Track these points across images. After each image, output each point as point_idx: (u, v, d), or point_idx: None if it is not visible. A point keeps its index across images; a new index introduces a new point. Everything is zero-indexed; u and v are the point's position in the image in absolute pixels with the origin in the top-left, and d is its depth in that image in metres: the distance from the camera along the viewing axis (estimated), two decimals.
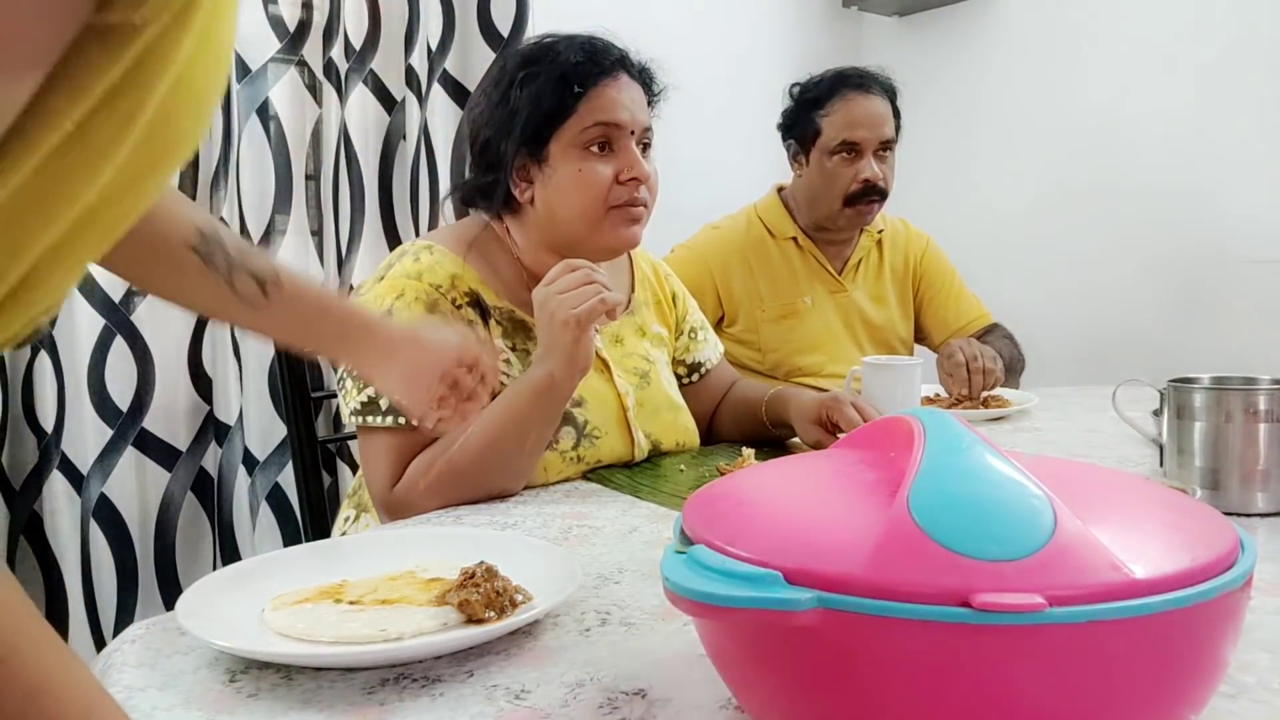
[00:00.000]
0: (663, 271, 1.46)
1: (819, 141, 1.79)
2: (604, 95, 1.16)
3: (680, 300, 1.46)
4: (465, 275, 1.18)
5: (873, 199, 1.79)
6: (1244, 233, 2.23)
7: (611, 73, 1.18)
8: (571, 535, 0.94)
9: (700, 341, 1.47)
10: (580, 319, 1.05)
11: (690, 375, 1.46)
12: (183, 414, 1.75)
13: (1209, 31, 2.27)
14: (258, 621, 0.70)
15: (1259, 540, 0.88)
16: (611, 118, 1.16)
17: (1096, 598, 0.42)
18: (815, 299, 1.86)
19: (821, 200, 1.81)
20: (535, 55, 1.18)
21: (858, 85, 1.77)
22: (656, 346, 1.37)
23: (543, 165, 1.18)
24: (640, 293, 1.39)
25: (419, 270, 1.16)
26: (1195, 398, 0.98)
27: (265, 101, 1.84)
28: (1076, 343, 2.49)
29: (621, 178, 1.17)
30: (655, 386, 1.31)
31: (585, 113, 1.16)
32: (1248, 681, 0.59)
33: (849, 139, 1.76)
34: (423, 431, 1.11)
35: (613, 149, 1.18)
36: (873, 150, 1.77)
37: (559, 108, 1.15)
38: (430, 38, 1.96)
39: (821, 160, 1.79)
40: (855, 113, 1.76)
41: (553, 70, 1.15)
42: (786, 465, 0.65)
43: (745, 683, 0.53)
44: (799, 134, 1.84)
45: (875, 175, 1.77)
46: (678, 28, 2.46)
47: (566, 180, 1.17)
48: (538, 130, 1.16)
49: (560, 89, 1.15)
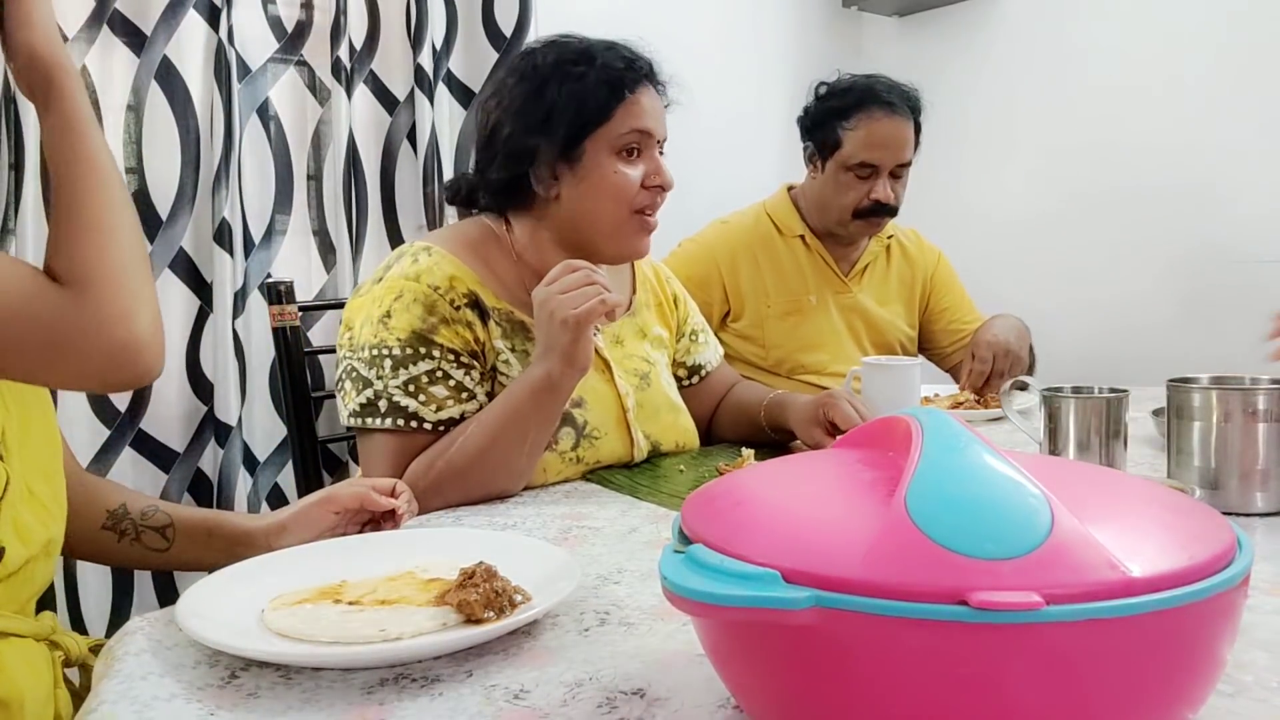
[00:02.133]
0: (664, 274, 1.47)
1: (838, 154, 1.78)
2: (640, 103, 1.20)
3: (681, 303, 1.47)
4: (464, 276, 1.18)
5: (882, 215, 1.79)
6: (1251, 233, 2.23)
7: (647, 80, 1.22)
8: (571, 535, 0.95)
9: (701, 344, 1.48)
10: (580, 319, 1.05)
11: (690, 378, 1.46)
12: (180, 415, 1.75)
13: (1213, 31, 2.27)
14: (257, 621, 0.70)
15: (1257, 540, 0.89)
16: (646, 125, 1.20)
17: (1094, 596, 0.42)
18: (820, 298, 1.86)
19: (831, 209, 1.82)
20: (575, 56, 1.20)
21: (886, 104, 1.75)
22: (657, 348, 1.37)
23: (574, 165, 1.20)
24: (641, 295, 1.39)
25: (417, 272, 1.16)
26: (1194, 398, 0.98)
27: (265, 101, 1.84)
28: (1078, 345, 2.48)
29: (649, 183, 1.21)
30: (655, 388, 1.31)
31: (623, 118, 1.19)
32: (1246, 680, 0.59)
33: (868, 160, 1.75)
34: (423, 432, 1.11)
35: (641, 155, 1.21)
36: (889, 170, 1.76)
37: (601, 111, 1.18)
38: (435, 38, 1.96)
39: (837, 172, 1.78)
40: (879, 134, 1.75)
41: (598, 73, 1.18)
42: (785, 465, 0.65)
43: (744, 682, 0.53)
44: (819, 139, 1.82)
45: (887, 196, 1.77)
46: (678, 27, 2.46)
47: (600, 181, 1.19)
48: (577, 130, 1.18)
49: (604, 92, 1.18)
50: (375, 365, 1.12)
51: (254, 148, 1.82)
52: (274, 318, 1.45)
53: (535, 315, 1.09)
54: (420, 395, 1.11)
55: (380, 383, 1.11)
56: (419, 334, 1.12)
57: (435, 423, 1.11)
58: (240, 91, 1.77)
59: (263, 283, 1.77)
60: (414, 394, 1.11)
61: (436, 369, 1.12)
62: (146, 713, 0.58)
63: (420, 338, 1.12)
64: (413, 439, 1.11)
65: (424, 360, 1.12)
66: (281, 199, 1.86)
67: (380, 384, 1.11)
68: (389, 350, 1.12)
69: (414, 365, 1.11)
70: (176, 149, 1.71)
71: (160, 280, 1.71)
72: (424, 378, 1.11)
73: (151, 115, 1.69)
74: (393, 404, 1.11)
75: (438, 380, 1.12)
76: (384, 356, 1.12)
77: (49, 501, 0.84)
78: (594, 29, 1.28)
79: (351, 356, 1.14)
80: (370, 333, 1.13)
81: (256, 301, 1.79)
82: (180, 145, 1.71)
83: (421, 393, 1.11)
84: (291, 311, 1.45)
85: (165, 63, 1.68)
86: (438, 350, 1.13)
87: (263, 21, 1.83)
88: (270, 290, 1.45)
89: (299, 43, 1.88)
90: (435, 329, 1.13)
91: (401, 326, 1.12)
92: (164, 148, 1.70)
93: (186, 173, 1.72)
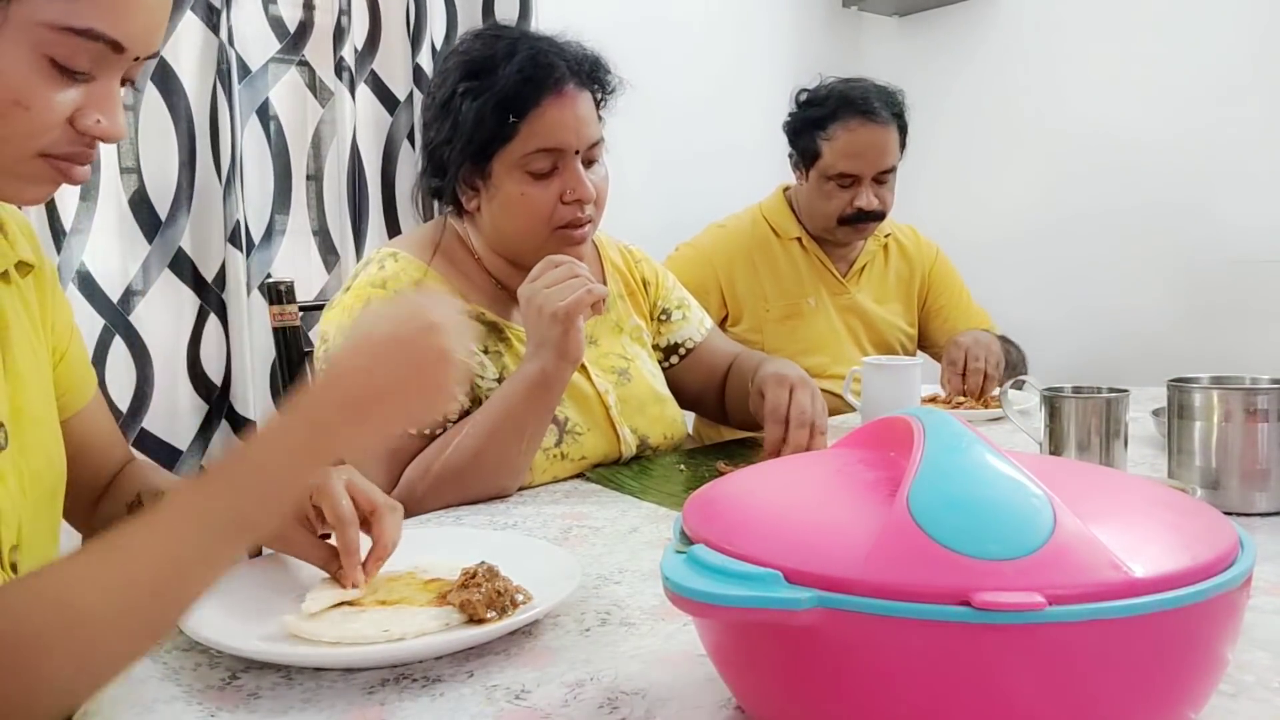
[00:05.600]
0: (635, 256, 1.43)
1: (818, 164, 1.77)
2: (546, 118, 1.13)
3: (653, 286, 1.42)
4: (430, 280, 1.18)
5: (867, 222, 1.78)
6: (1251, 234, 2.22)
7: (556, 89, 1.13)
8: (571, 535, 0.94)
9: (678, 321, 1.42)
10: (569, 310, 1.05)
11: (669, 358, 1.41)
12: (183, 413, 1.75)
13: (1214, 31, 2.26)
14: (259, 622, 0.70)
15: (1259, 540, 0.88)
16: (554, 143, 1.13)
17: (1096, 597, 0.42)
18: (818, 300, 1.86)
19: (817, 216, 1.82)
20: (476, 68, 1.14)
21: (862, 112, 1.72)
22: (635, 341, 1.35)
23: (487, 181, 1.17)
24: (612, 286, 1.36)
25: (383, 279, 1.16)
26: (1195, 398, 0.98)
27: (266, 102, 1.84)
28: (1079, 347, 2.48)
29: (566, 198, 1.15)
30: (637, 381, 1.30)
31: (527, 136, 1.13)
32: (1247, 680, 0.59)
33: (847, 170, 1.74)
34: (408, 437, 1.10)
35: (556, 169, 1.15)
36: (871, 177, 1.75)
37: (499, 131, 1.13)
38: (435, 37, 1.96)
39: (819, 180, 1.78)
40: (856, 144, 1.72)
41: (493, 92, 1.12)
42: (786, 465, 0.65)
43: (745, 683, 0.53)
44: (800, 148, 1.81)
45: (871, 204, 1.75)
46: (677, 27, 2.46)
47: (509, 200, 1.16)
48: (480, 149, 1.14)
49: (499, 113, 1.12)
50: None
51: (254, 148, 1.82)
52: (274, 318, 1.45)
53: (523, 312, 1.09)
54: None
55: None
56: None
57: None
58: (240, 92, 1.77)
59: (263, 283, 1.77)
60: None
61: None
62: (148, 715, 0.58)
63: None
64: (406, 443, 1.10)
65: None
66: (281, 199, 1.86)
67: None
68: None
69: None
70: (174, 149, 1.71)
71: (160, 280, 1.72)
72: None
73: (149, 115, 1.69)
74: None
75: None
76: None
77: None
78: (593, 28, 1.27)
79: None
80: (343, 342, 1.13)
81: (257, 301, 1.79)
82: (178, 145, 1.71)
83: None
84: (291, 311, 1.45)
85: (161, 63, 1.68)
86: None
87: (264, 22, 1.83)
88: (270, 290, 1.45)
89: (300, 43, 1.88)
90: None
91: None
92: (162, 148, 1.70)
93: (185, 173, 1.72)
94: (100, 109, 0.64)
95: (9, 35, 0.59)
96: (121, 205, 1.69)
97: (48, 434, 0.78)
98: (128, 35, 0.63)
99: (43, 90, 0.61)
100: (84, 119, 0.63)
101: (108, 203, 1.67)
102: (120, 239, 1.69)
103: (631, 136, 1.23)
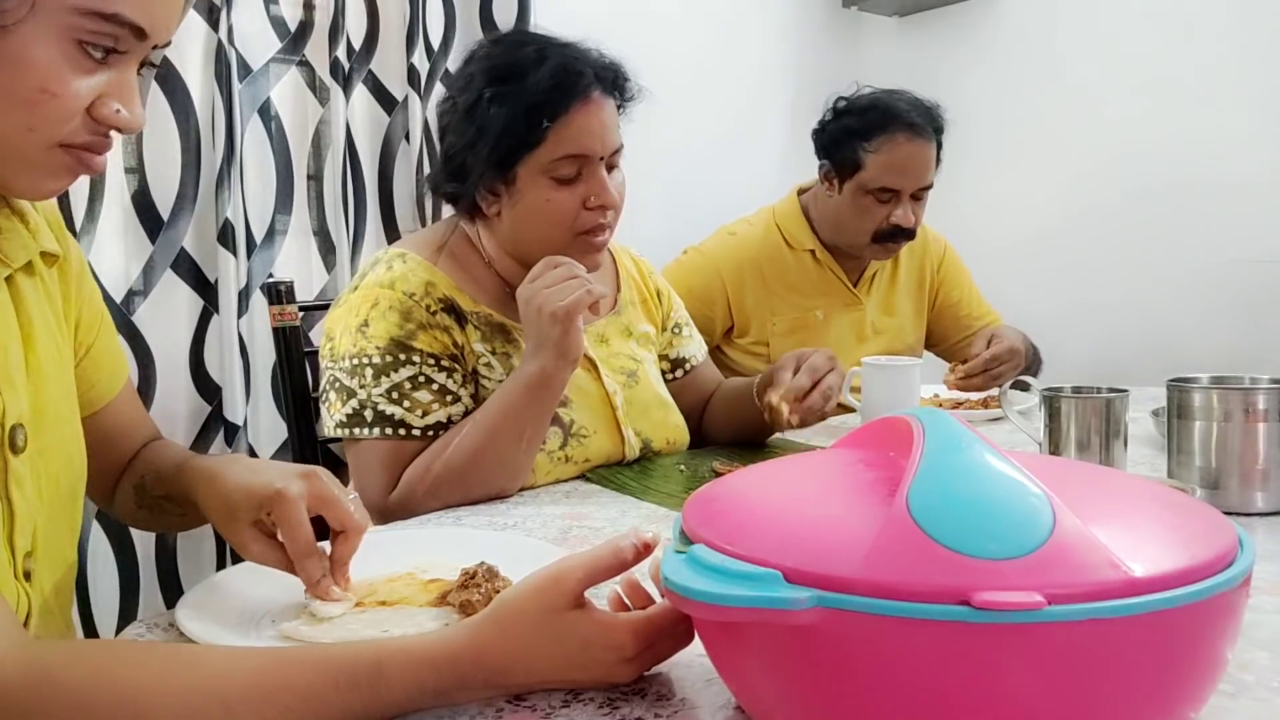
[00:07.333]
0: (646, 268, 1.45)
1: (858, 176, 1.71)
2: (574, 124, 1.13)
3: (665, 297, 1.45)
4: (439, 281, 1.18)
5: (900, 239, 1.75)
6: (1257, 232, 2.22)
7: (583, 96, 1.13)
8: (571, 535, 0.95)
9: (685, 338, 1.46)
10: (568, 310, 1.05)
11: (674, 371, 1.44)
12: (184, 415, 1.75)
13: (1215, 30, 2.26)
14: (257, 622, 0.70)
15: (1258, 539, 0.89)
16: (580, 149, 1.14)
17: (1095, 596, 0.42)
18: (827, 313, 1.84)
19: (848, 231, 1.77)
20: (505, 73, 1.14)
21: (909, 125, 1.68)
22: (644, 346, 1.36)
23: (509, 187, 1.16)
24: (626, 292, 1.38)
25: (392, 279, 1.16)
26: (1194, 398, 0.98)
27: (267, 101, 1.84)
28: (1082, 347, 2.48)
29: (589, 204, 1.16)
30: (644, 384, 1.31)
31: (555, 143, 1.13)
32: (1247, 680, 0.59)
33: (890, 185, 1.69)
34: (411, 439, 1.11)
35: (581, 175, 1.15)
36: (910, 193, 1.72)
37: (527, 137, 1.12)
38: (432, 36, 1.96)
39: (856, 194, 1.73)
40: (902, 157, 1.68)
41: (522, 97, 1.12)
42: (786, 465, 0.65)
43: (745, 682, 0.53)
44: (837, 159, 1.74)
45: (908, 220, 1.71)
46: (676, 27, 2.46)
47: (534, 207, 1.16)
48: (506, 154, 1.14)
49: (529, 119, 1.12)
50: (357, 374, 1.12)
51: (255, 148, 1.82)
52: (274, 318, 1.45)
53: (522, 312, 1.09)
54: (405, 402, 1.11)
55: (364, 392, 1.11)
56: (397, 341, 1.12)
57: (423, 428, 1.11)
58: (241, 91, 1.77)
59: (264, 283, 1.77)
60: (398, 401, 1.11)
61: (418, 374, 1.12)
62: None
63: (399, 344, 1.12)
64: (402, 446, 1.11)
65: (405, 366, 1.12)
66: (283, 199, 1.86)
67: (364, 393, 1.11)
68: (369, 359, 1.12)
69: (395, 372, 1.11)
70: (177, 149, 1.71)
71: (162, 280, 1.72)
72: (406, 384, 1.11)
73: (151, 115, 1.69)
74: (378, 413, 1.10)
75: (420, 385, 1.12)
76: (365, 365, 1.12)
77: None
78: (592, 28, 1.27)
79: (333, 367, 1.14)
80: (350, 342, 1.13)
81: (258, 301, 1.79)
82: (181, 145, 1.71)
83: (405, 399, 1.11)
84: (292, 311, 1.45)
85: (164, 62, 1.68)
86: (418, 355, 1.12)
87: (265, 21, 1.83)
88: (271, 290, 1.45)
89: (301, 42, 1.88)
90: (414, 335, 1.13)
91: (380, 334, 1.12)
92: (165, 147, 1.70)
93: (188, 173, 1.72)
94: (119, 98, 0.64)
95: (38, 22, 0.59)
96: (125, 205, 1.69)
97: (68, 433, 0.77)
98: (151, 21, 0.63)
99: (69, 77, 0.61)
100: (103, 108, 0.64)
101: (111, 203, 1.67)
102: (123, 239, 1.69)
103: (630, 136, 1.23)
